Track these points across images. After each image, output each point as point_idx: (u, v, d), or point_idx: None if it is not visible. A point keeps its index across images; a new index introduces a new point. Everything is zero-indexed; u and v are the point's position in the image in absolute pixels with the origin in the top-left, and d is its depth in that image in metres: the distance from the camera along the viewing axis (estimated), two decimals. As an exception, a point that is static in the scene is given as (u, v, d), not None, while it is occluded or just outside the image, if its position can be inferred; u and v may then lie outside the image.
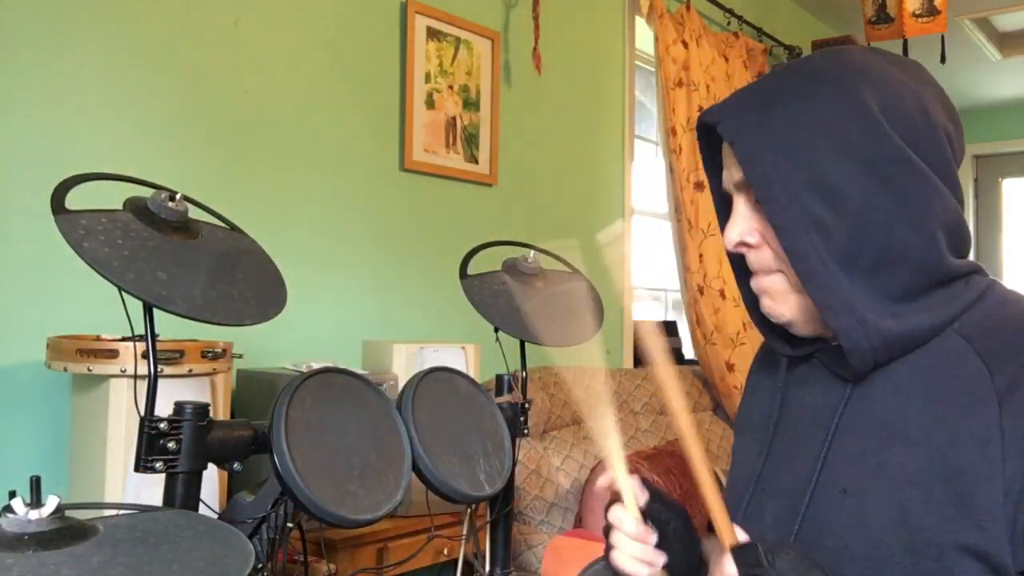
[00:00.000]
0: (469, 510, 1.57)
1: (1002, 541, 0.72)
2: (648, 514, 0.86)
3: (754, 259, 0.86)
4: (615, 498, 0.87)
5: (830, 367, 0.85)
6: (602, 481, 0.87)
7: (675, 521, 0.88)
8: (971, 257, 0.86)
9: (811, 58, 0.86)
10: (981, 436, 0.74)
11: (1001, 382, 0.75)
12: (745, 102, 0.84)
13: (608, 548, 0.87)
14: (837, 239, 0.78)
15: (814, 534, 0.82)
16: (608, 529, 0.88)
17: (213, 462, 1.11)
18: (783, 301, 0.85)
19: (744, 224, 0.85)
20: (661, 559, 0.85)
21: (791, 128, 0.79)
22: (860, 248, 0.78)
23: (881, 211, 0.77)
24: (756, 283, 0.87)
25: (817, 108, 0.79)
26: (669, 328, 3.83)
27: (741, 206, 0.85)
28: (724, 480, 1.07)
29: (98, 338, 1.62)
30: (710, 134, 0.89)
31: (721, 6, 3.87)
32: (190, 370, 1.55)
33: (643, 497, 0.86)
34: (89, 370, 1.51)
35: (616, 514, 0.86)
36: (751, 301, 0.92)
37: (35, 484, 0.61)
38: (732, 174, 0.85)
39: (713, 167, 0.92)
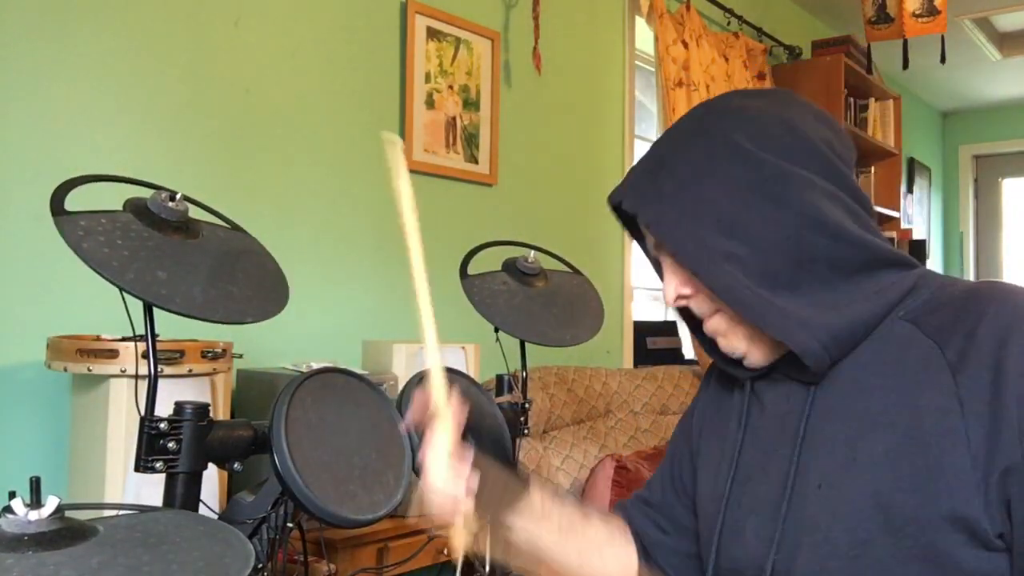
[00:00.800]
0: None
1: (977, 506, 0.75)
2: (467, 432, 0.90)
3: (695, 307, 0.91)
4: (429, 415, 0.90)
5: (790, 375, 0.89)
6: (419, 401, 0.91)
7: (490, 439, 0.93)
8: (971, 257, 0.88)
9: (686, 118, 0.93)
10: (940, 408, 0.78)
11: (951, 354, 0.79)
12: (638, 177, 0.91)
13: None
14: (752, 264, 0.83)
15: (796, 533, 0.84)
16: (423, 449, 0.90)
17: (213, 462, 1.11)
18: (734, 335, 0.89)
19: (675, 279, 0.91)
20: (461, 488, 0.89)
21: (679, 182, 0.86)
22: (775, 265, 0.83)
23: (779, 226, 0.82)
24: (706, 327, 0.92)
25: (698, 160, 0.86)
26: (669, 328, 3.83)
27: (667, 264, 0.92)
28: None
29: (98, 338, 1.62)
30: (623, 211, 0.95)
31: (721, 6, 3.87)
32: (190, 370, 1.55)
33: (463, 412, 0.90)
34: (89, 370, 1.51)
35: (434, 438, 0.89)
36: (706, 344, 0.97)
37: (35, 484, 0.61)
38: (649, 240, 0.93)
39: (640, 237, 0.99)
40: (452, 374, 1.40)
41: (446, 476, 0.88)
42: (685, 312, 0.94)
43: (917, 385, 0.80)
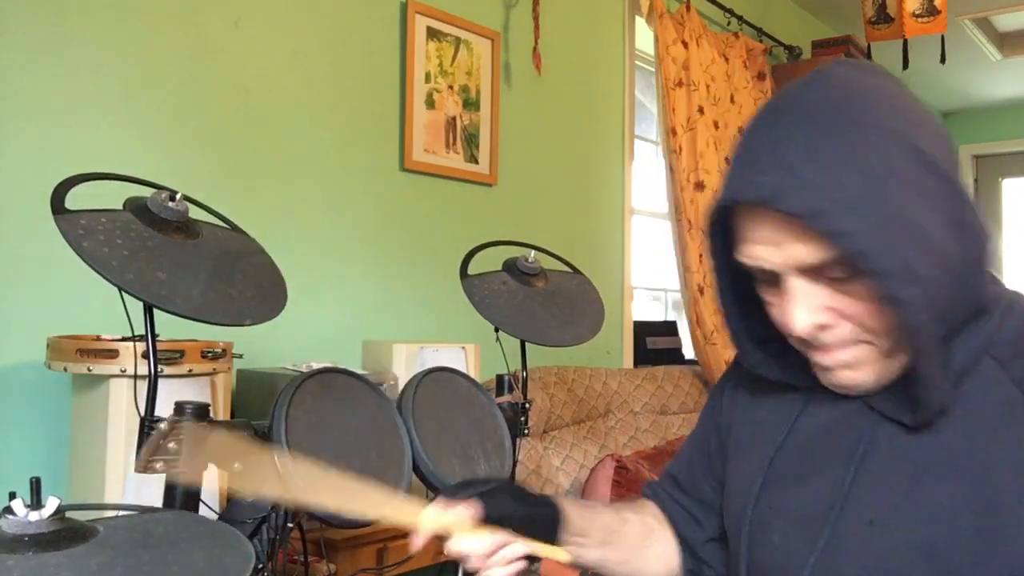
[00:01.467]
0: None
1: None
2: (486, 519, 0.83)
3: (829, 337, 0.76)
4: (443, 537, 0.83)
5: (883, 412, 0.79)
6: (418, 542, 0.83)
7: (507, 503, 0.85)
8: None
9: (810, 93, 0.76)
10: (1018, 467, 0.71)
11: None
12: (796, 167, 0.71)
13: None
14: (940, 298, 0.70)
15: (834, 563, 0.79)
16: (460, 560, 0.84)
17: (213, 462, 1.10)
18: (870, 371, 0.77)
19: (814, 303, 0.74)
20: (520, 548, 0.83)
21: (871, 184, 0.69)
22: (957, 304, 0.72)
23: (964, 260, 0.72)
24: (830, 358, 0.77)
25: (886, 157, 0.70)
26: (669, 328, 3.83)
27: (802, 285, 0.74)
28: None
29: (98, 338, 1.62)
30: (727, 212, 0.77)
31: (721, 6, 3.87)
32: (190, 370, 1.55)
33: (468, 512, 0.82)
34: (89, 370, 1.51)
35: (459, 545, 0.82)
36: (759, 357, 0.86)
37: (35, 485, 0.61)
38: (794, 253, 0.72)
39: (722, 249, 0.81)
40: (451, 372, 1.40)
41: (490, 544, 0.82)
42: (742, 318, 0.81)
43: (995, 436, 0.73)
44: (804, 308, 0.74)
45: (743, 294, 0.84)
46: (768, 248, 0.74)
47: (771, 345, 0.85)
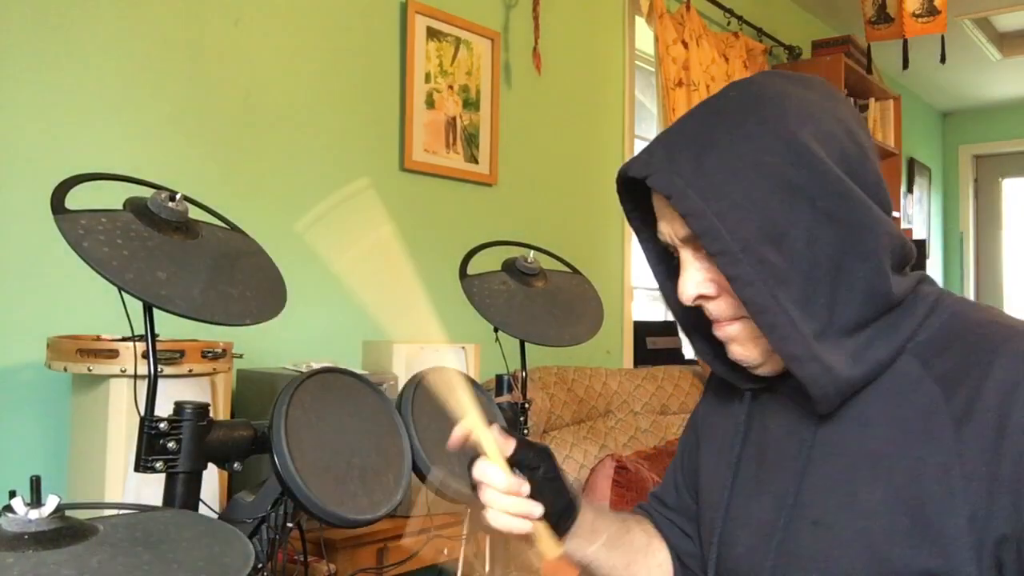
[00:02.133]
0: (469, 510, 1.57)
1: (970, 571, 0.72)
2: (516, 463, 0.85)
3: (713, 309, 0.84)
4: (476, 451, 0.84)
5: (796, 400, 0.85)
6: (457, 432, 0.85)
7: (544, 464, 0.87)
8: (971, 257, 0.85)
9: (723, 95, 0.83)
10: (941, 464, 0.74)
11: (956, 405, 0.75)
12: (672, 151, 0.80)
13: (479, 507, 0.85)
14: (792, 283, 0.76)
15: (787, 566, 0.82)
16: (475, 486, 0.85)
17: (213, 462, 1.11)
18: (753, 346, 0.83)
19: (698, 276, 0.82)
20: (538, 509, 0.84)
21: (729, 173, 0.77)
22: (815, 289, 0.76)
23: (829, 247, 0.76)
24: (721, 331, 0.85)
25: (752, 148, 0.77)
26: (669, 328, 3.83)
27: (690, 258, 0.83)
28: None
29: (98, 338, 1.62)
30: (634, 186, 0.86)
31: (721, 6, 3.87)
32: (190, 370, 1.55)
33: (508, 445, 0.85)
34: (89, 370, 1.51)
35: (481, 469, 0.84)
36: (705, 348, 0.91)
37: (35, 484, 0.61)
38: (675, 228, 0.82)
39: (640, 219, 0.90)
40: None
41: (510, 483, 0.83)
42: (689, 310, 0.87)
43: (919, 434, 0.76)
44: (691, 279, 0.83)
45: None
46: (662, 222, 0.84)
47: (716, 344, 0.89)
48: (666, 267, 0.93)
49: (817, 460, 0.82)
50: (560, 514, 0.89)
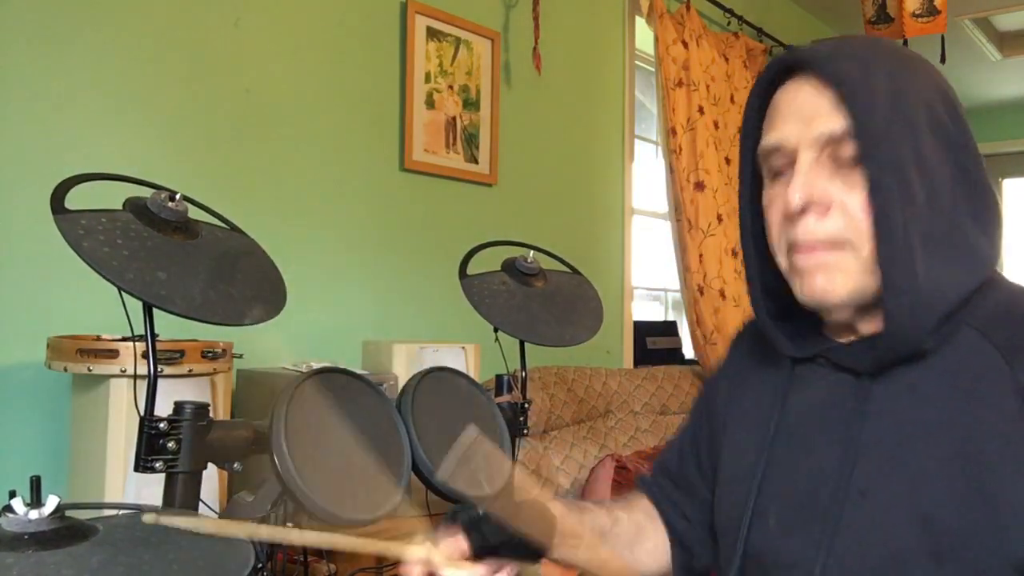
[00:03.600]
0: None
1: None
2: (474, 552, 0.83)
3: (816, 228, 0.79)
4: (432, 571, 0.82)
5: (842, 363, 0.83)
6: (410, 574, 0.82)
7: (493, 532, 0.84)
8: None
9: (885, 43, 0.85)
10: (1004, 434, 0.72)
11: (1021, 377, 0.73)
12: (843, 54, 0.79)
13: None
14: (922, 219, 0.76)
15: (831, 538, 0.79)
16: None
17: (213, 462, 1.11)
18: (843, 279, 0.79)
19: (817, 181, 0.79)
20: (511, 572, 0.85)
21: (898, 92, 0.77)
22: (939, 233, 0.77)
23: (959, 201, 0.78)
24: (812, 258, 0.80)
25: (917, 82, 0.79)
26: (669, 328, 3.83)
27: (810, 162, 0.79)
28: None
29: (98, 338, 1.62)
30: (769, 88, 0.85)
31: (721, 6, 3.87)
32: (190, 370, 1.55)
33: (455, 546, 0.82)
34: (89, 370, 1.51)
35: None
36: (763, 291, 0.88)
37: (35, 484, 0.61)
38: (816, 125, 0.79)
39: (755, 125, 0.87)
40: (451, 372, 1.40)
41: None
42: (754, 246, 0.86)
43: (980, 402, 0.74)
44: (806, 182, 0.78)
45: (764, 255, 0.88)
46: (794, 124, 0.80)
47: (774, 306, 0.89)
48: (749, 191, 0.90)
49: (865, 429, 0.80)
50: (535, 552, 0.88)
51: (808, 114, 0.79)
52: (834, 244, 0.79)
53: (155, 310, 1.01)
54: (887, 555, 0.75)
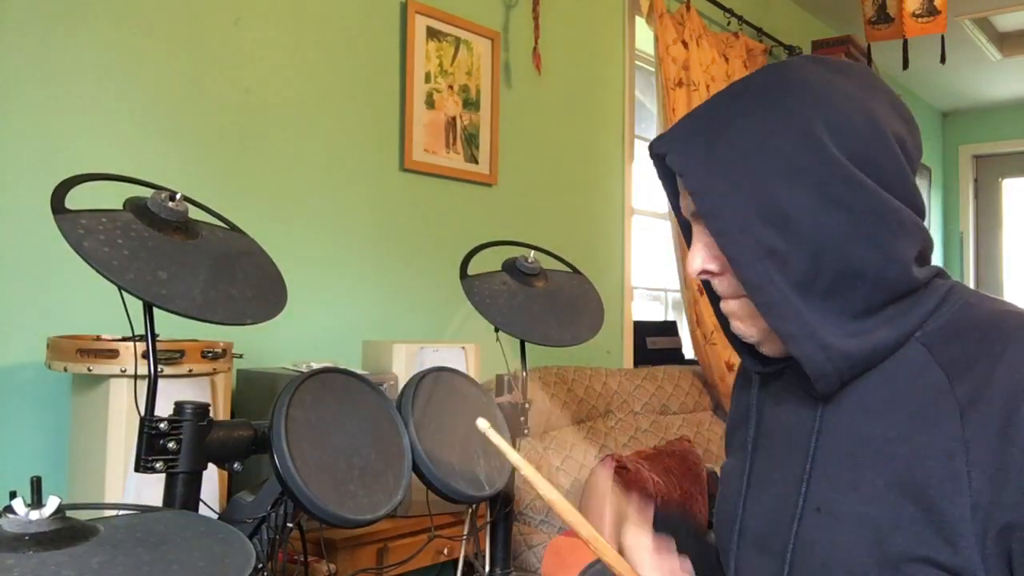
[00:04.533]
0: (469, 510, 1.57)
1: (973, 557, 0.72)
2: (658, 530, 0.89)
3: (718, 285, 0.86)
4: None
5: (800, 385, 0.86)
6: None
7: (681, 525, 0.91)
8: (971, 257, 0.86)
9: (753, 77, 0.85)
10: (945, 449, 0.74)
11: (962, 392, 0.75)
12: (691, 131, 0.83)
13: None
14: (793, 266, 0.77)
15: (795, 554, 0.83)
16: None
17: (213, 462, 1.10)
18: (752, 324, 0.85)
19: (704, 253, 0.85)
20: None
21: (737, 155, 0.79)
22: (817, 272, 0.77)
23: (834, 233, 0.77)
24: (724, 306, 0.87)
25: (761, 133, 0.79)
26: (669, 328, 3.83)
27: (700, 234, 0.85)
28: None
29: (98, 338, 1.62)
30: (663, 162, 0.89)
31: (721, 6, 3.87)
32: (190, 370, 1.55)
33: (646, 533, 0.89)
34: (89, 370, 1.51)
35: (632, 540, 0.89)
36: (723, 321, 0.92)
37: (36, 484, 0.61)
38: (687, 204, 0.85)
39: (672, 193, 0.91)
40: (451, 372, 1.40)
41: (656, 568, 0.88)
42: (707, 283, 0.89)
43: (924, 420, 0.76)
44: (698, 255, 0.86)
45: None
46: (681, 197, 0.88)
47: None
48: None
49: (821, 447, 0.83)
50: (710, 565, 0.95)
51: (683, 193, 0.87)
52: (734, 295, 0.86)
53: (155, 310, 1.01)
54: (847, 571, 0.78)
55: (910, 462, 0.76)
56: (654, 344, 3.67)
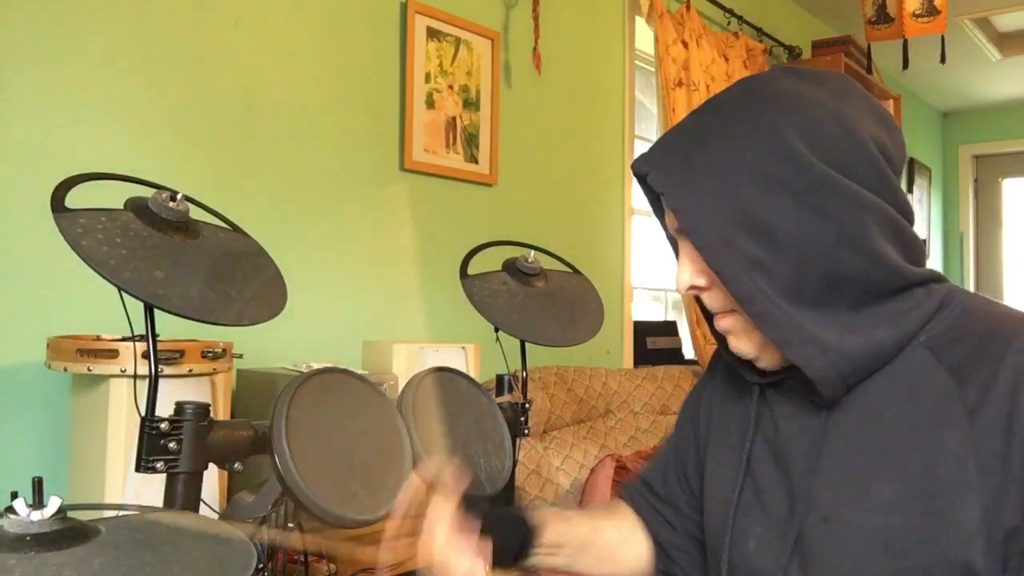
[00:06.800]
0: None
1: (983, 559, 0.72)
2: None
3: (708, 300, 0.86)
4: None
5: (803, 393, 0.85)
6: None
7: (498, 512, 0.93)
8: (971, 258, 0.86)
9: (727, 93, 0.86)
10: (956, 454, 0.74)
11: (969, 396, 0.75)
12: (669, 149, 0.84)
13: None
14: (779, 275, 0.78)
15: (802, 565, 0.82)
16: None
17: (214, 462, 1.11)
18: (746, 339, 0.86)
19: (691, 268, 0.85)
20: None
21: (714, 171, 0.79)
22: (804, 280, 0.78)
23: (817, 240, 0.77)
24: (719, 324, 0.87)
25: (737, 146, 0.79)
26: (669, 328, 3.84)
27: (686, 249, 0.86)
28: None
29: (98, 338, 1.62)
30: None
31: (721, 6, 3.87)
32: (190, 370, 1.55)
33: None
34: (89, 370, 1.51)
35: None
36: (719, 338, 0.92)
37: (37, 485, 0.61)
38: (671, 221, 0.86)
39: (659, 210, 0.92)
40: (451, 372, 1.40)
41: (450, 551, 0.90)
42: (699, 299, 0.89)
43: (933, 425, 0.76)
44: (685, 271, 0.86)
45: None
46: (666, 216, 0.88)
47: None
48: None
49: (827, 454, 0.82)
50: (517, 539, 0.95)
51: (667, 209, 0.87)
52: (724, 310, 0.86)
53: (155, 310, 1.01)
54: None
55: (921, 469, 0.75)
56: (654, 344, 3.67)
